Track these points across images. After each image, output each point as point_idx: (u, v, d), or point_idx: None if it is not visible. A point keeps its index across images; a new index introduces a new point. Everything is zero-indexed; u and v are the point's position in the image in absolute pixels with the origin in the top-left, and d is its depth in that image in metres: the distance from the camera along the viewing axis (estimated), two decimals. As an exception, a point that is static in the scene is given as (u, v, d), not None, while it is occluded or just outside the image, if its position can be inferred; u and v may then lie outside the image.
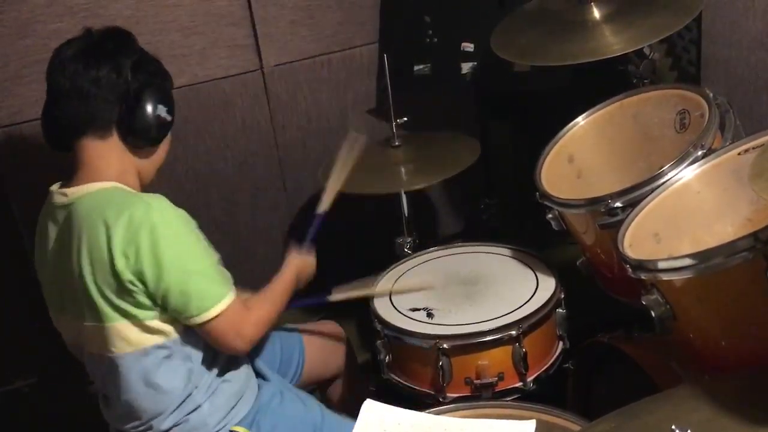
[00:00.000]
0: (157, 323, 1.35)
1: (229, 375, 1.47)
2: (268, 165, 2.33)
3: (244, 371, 1.51)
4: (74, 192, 1.35)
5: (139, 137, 1.37)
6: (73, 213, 1.33)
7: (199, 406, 1.42)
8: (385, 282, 1.81)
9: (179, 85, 2.13)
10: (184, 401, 1.40)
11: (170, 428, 1.41)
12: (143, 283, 1.30)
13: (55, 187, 1.40)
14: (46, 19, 1.92)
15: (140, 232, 1.27)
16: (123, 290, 1.30)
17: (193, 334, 1.40)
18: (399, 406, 1.40)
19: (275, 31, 2.22)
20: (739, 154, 1.37)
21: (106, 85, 1.32)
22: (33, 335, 1.52)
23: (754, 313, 1.12)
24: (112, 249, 1.28)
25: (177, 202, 1.36)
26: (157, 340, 1.36)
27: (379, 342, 1.69)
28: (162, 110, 1.37)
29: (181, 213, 1.36)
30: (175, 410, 1.40)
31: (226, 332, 1.37)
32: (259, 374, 1.58)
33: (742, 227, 1.34)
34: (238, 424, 1.46)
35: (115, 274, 1.29)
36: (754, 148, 1.35)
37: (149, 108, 1.35)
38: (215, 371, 1.45)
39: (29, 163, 1.94)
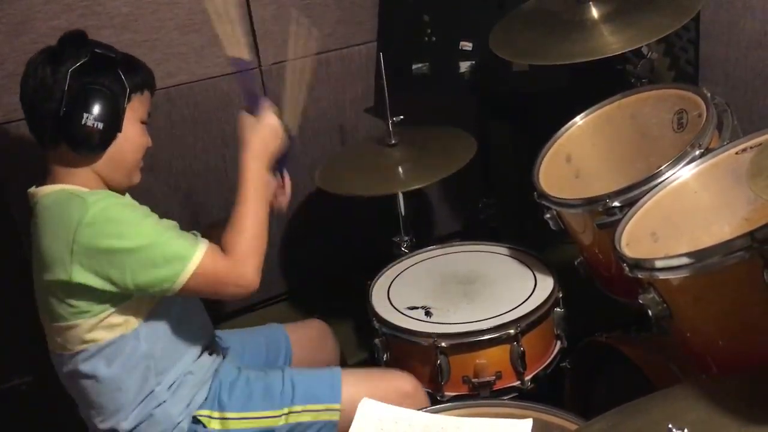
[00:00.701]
0: (112, 318, 1.35)
1: (193, 366, 1.47)
2: (266, 163, 2.33)
3: (208, 360, 1.51)
4: (36, 194, 1.37)
5: (81, 147, 1.34)
6: (35, 216, 1.36)
7: (164, 401, 1.42)
8: None
9: (177, 83, 2.14)
10: (145, 398, 1.40)
11: (136, 426, 1.41)
12: (104, 277, 1.29)
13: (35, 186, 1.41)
14: (44, 16, 1.91)
15: (83, 231, 1.27)
16: (78, 290, 1.30)
17: (153, 327, 1.39)
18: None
19: (273, 29, 2.21)
20: (736, 153, 1.37)
21: (44, 94, 1.31)
22: (30, 333, 1.52)
23: (751, 312, 1.12)
24: (61, 253, 1.28)
25: (174, 200, 1.36)
26: (110, 336, 1.36)
27: (377, 340, 1.69)
28: (90, 119, 1.31)
29: (121, 200, 1.36)
30: (136, 408, 1.40)
31: (215, 282, 1.34)
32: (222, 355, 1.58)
33: (739, 227, 1.34)
34: (200, 408, 1.46)
35: (69, 276, 1.29)
36: (751, 148, 1.35)
37: (84, 116, 1.31)
38: (179, 366, 1.44)
39: (27, 161, 1.92)
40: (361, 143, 2.36)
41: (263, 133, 1.44)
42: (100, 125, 1.32)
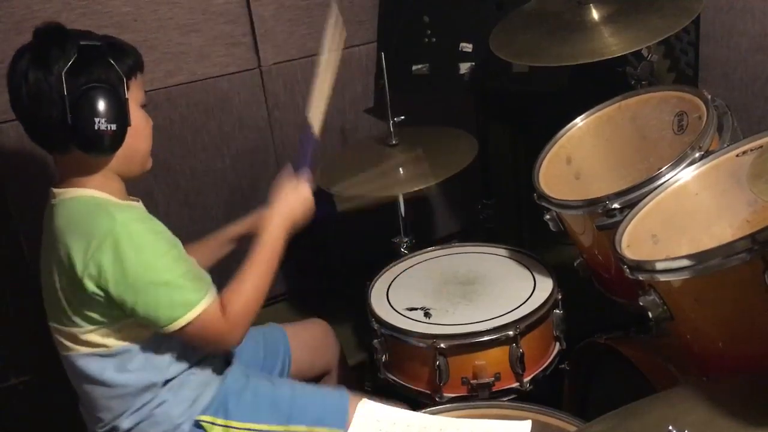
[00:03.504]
0: (124, 329, 1.35)
1: (195, 368, 1.46)
2: (265, 163, 2.33)
3: (210, 362, 1.50)
4: (59, 194, 1.35)
5: (95, 150, 1.29)
6: (55, 217, 1.34)
7: (165, 401, 1.41)
8: None
9: (177, 83, 2.14)
10: (150, 400, 1.40)
11: (135, 425, 1.40)
12: (109, 296, 1.29)
13: (53, 185, 1.40)
14: (43, 14, 1.91)
15: (102, 248, 1.26)
16: (88, 300, 1.30)
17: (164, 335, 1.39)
18: (395, 405, 1.40)
19: (273, 29, 2.21)
20: (737, 156, 1.37)
21: (43, 101, 1.25)
22: (28, 332, 1.52)
23: (752, 314, 1.12)
24: (76, 262, 1.27)
25: (174, 200, 1.35)
26: (123, 342, 1.35)
27: (376, 341, 1.69)
28: (102, 123, 1.25)
29: (149, 225, 1.33)
30: (139, 408, 1.40)
31: (204, 336, 1.35)
32: (226, 362, 1.57)
33: (740, 229, 1.34)
34: (203, 412, 1.44)
35: (80, 286, 1.28)
36: (752, 150, 1.35)
37: (95, 121, 1.25)
38: (183, 366, 1.43)
39: (27, 161, 1.93)
40: (362, 143, 2.36)
41: (296, 203, 1.51)
42: (113, 126, 1.27)
